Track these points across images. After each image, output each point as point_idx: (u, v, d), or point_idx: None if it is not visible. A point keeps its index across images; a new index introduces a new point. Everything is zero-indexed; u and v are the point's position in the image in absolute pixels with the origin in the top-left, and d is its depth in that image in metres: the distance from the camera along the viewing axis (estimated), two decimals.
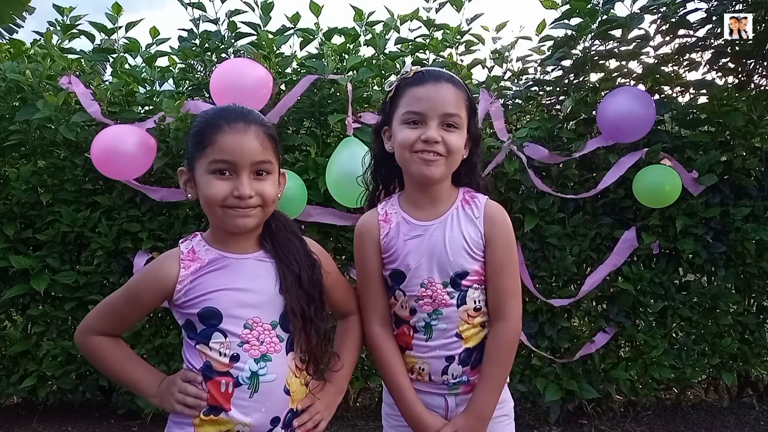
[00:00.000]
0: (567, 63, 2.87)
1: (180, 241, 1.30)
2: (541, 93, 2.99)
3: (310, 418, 1.29)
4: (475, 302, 1.39)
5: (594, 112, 2.68)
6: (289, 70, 2.82)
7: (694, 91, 2.99)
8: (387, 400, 1.50)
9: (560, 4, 2.79)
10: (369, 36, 2.85)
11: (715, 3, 2.74)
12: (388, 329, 1.44)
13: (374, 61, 2.81)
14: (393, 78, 1.48)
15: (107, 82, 2.89)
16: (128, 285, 1.31)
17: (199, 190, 1.23)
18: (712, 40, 2.88)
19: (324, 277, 1.31)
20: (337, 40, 2.87)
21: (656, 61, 2.87)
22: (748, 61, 2.95)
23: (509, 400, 1.49)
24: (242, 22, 2.80)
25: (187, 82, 2.90)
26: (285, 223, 1.33)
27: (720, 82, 2.99)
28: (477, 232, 1.39)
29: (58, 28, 2.88)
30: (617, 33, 2.75)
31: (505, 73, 3.09)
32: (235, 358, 1.20)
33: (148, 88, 2.85)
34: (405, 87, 1.39)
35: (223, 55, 2.82)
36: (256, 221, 1.24)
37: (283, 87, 2.69)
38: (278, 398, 1.23)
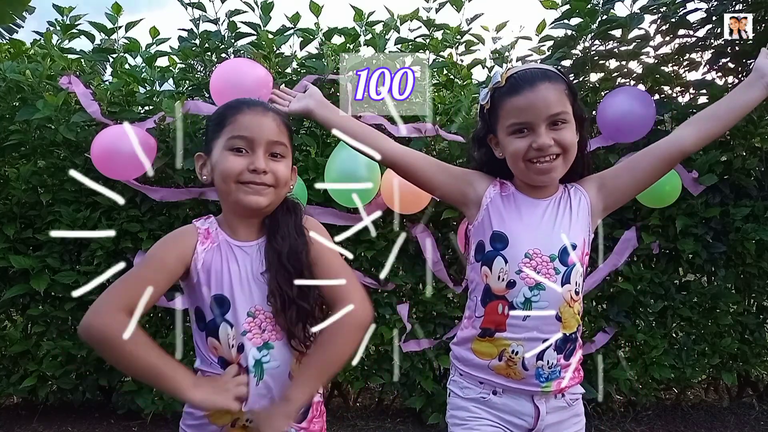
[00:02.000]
0: (567, 63, 2.87)
1: (194, 220, 1.31)
2: None
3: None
4: (576, 284, 1.34)
5: (594, 112, 2.68)
6: (289, 70, 2.83)
7: (694, 91, 2.99)
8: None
9: (560, 4, 2.79)
10: (369, 36, 2.85)
11: (715, 3, 2.74)
12: None
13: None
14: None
15: (107, 82, 2.88)
16: (150, 255, 1.27)
17: (215, 169, 1.24)
18: (712, 40, 2.88)
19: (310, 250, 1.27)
20: (337, 40, 2.87)
21: (656, 61, 2.87)
22: (748, 61, 2.95)
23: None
24: (242, 22, 2.80)
25: (187, 82, 2.89)
26: (289, 204, 1.32)
27: (720, 82, 2.99)
28: (583, 204, 1.39)
29: (58, 28, 2.88)
30: (617, 33, 2.75)
31: None
32: (240, 348, 1.21)
33: (148, 88, 2.85)
34: (501, 97, 1.35)
35: (223, 55, 2.82)
36: (268, 201, 1.24)
37: (283, 87, 2.68)
38: (284, 385, 1.22)
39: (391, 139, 1.45)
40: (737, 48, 2.83)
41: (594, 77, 2.87)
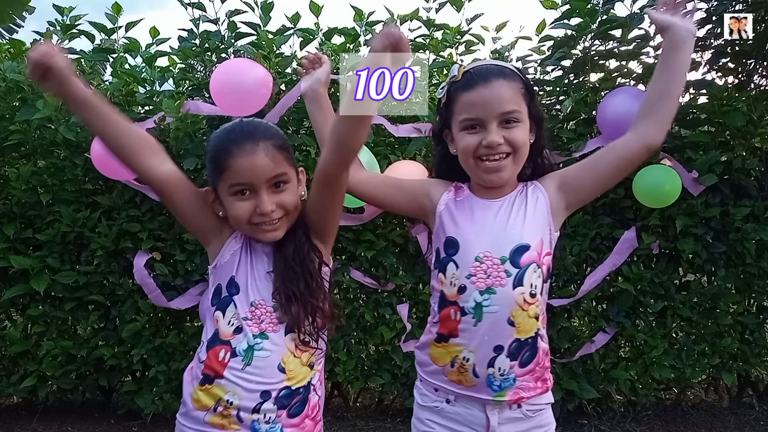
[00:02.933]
0: (567, 63, 2.87)
1: None
2: (541, 93, 2.98)
3: None
4: (531, 286, 1.31)
5: (594, 112, 2.68)
6: (289, 70, 2.82)
7: (694, 91, 2.98)
8: (422, 403, 1.41)
9: (560, 4, 2.79)
10: (369, 36, 2.85)
11: (715, 3, 2.74)
12: None
13: None
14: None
15: (107, 82, 2.88)
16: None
17: (228, 211, 1.32)
18: (712, 40, 2.88)
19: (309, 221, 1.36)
20: (337, 40, 2.87)
21: (656, 61, 2.87)
22: (748, 61, 2.95)
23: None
24: (242, 22, 2.79)
25: (187, 82, 2.89)
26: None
27: (720, 82, 2.99)
28: (541, 202, 1.37)
29: (58, 28, 2.87)
30: (617, 33, 2.74)
31: None
32: (238, 330, 1.29)
33: (148, 88, 2.85)
34: (456, 91, 1.35)
35: (223, 55, 2.82)
36: (284, 230, 1.33)
37: (283, 87, 2.69)
38: (270, 374, 1.27)
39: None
40: (737, 48, 2.83)
41: (594, 77, 2.86)
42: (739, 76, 3.00)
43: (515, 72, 1.36)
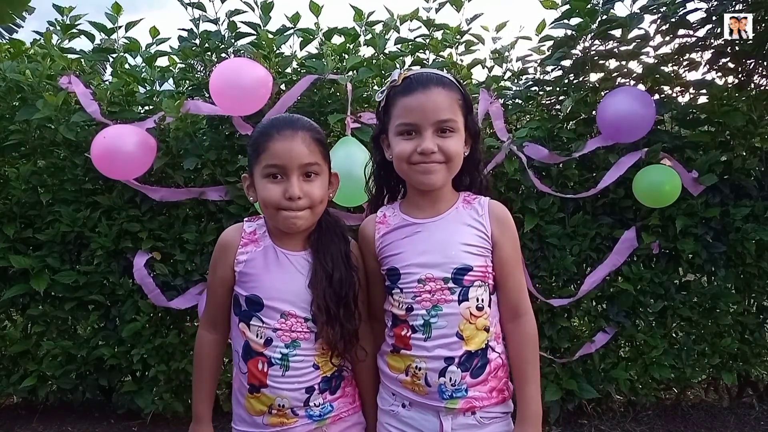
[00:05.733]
0: (567, 63, 2.87)
1: (245, 219, 1.47)
2: (541, 93, 2.99)
3: None
4: (477, 300, 1.34)
5: (594, 112, 2.68)
6: (289, 70, 2.82)
7: (694, 91, 2.99)
8: (383, 406, 1.46)
9: (560, 4, 2.79)
10: (369, 36, 2.85)
11: (715, 3, 2.74)
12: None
13: (374, 61, 2.81)
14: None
15: (107, 82, 2.88)
16: (210, 266, 1.47)
17: (258, 194, 1.38)
18: (712, 40, 2.88)
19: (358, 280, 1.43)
20: (337, 40, 2.87)
21: (656, 61, 2.87)
22: (748, 61, 2.95)
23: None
24: (242, 22, 2.79)
25: (187, 81, 2.89)
26: (334, 223, 1.46)
27: (720, 82, 2.99)
28: (482, 230, 1.37)
29: (58, 27, 2.88)
30: (617, 33, 2.74)
31: (505, 73, 3.09)
32: (268, 341, 1.36)
33: (148, 88, 2.85)
34: (395, 96, 1.36)
35: (223, 54, 2.82)
36: (306, 223, 1.38)
37: (283, 87, 2.69)
38: (309, 373, 1.37)
39: None
40: (737, 48, 2.83)
41: (594, 77, 2.87)
42: (739, 76, 3.00)
43: (455, 83, 1.37)
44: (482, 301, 1.35)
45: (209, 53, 2.82)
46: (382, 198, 1.53)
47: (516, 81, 3.07)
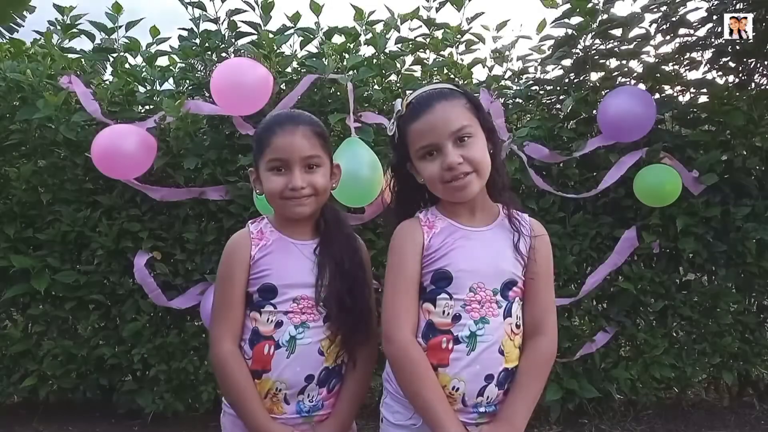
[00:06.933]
0: (567, 62, 2.87)
1: (249, 222, 1.50)
2: (541, 92, 2.99)
3: None
4: (517, 317, 1.35)
5: (594, 112, 2.68)
6: (289, 70, 2.82)
7: (694, 91, 2.99)
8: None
9: (560, 3, 2.78)
10: (369, 35, 2.85)
11: (716, 2, 2.74)
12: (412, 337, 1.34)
13: (375, 61, 2.81)
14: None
15: (107, 82, 2.88)
16: (219, 277, 1.46)
17: (264, 187, 1.44)
18: (712, 40, 2.88)
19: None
20: (338, 39, 2.87)
21: (657, 60, 2.87)
22: (749, 61, 2.95)
23: None
24: (242, 22, 2.80)
25: (188, 81, 2.89)
26: (335, 215, 1.52)
27: (720, 81, 2.99)
28: (525, 245, 1.37)
29: (59, 27, 2.88)
30: (618, 32, 2.75)
31: (505, 72, 3.09)
32: (279, 324, 1.39)
33: (148, 88, 2.85)
34: (405, 125, 1.36)
35: (224, 54, 2.82)
36: (311, 209, 1.43)
37: (283, 86, 2.69)
38: (313, 358, 1.39)
39: None
40: (738, 47, 2.83)
41: (594, 76, 2.87)
42: (740, 75, 3.00)
43: (455, 90, 1.37)
44: (519, 318, 1.36)
45: (209, 53, 2.82)
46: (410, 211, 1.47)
47: (516, 80, 3.07)
